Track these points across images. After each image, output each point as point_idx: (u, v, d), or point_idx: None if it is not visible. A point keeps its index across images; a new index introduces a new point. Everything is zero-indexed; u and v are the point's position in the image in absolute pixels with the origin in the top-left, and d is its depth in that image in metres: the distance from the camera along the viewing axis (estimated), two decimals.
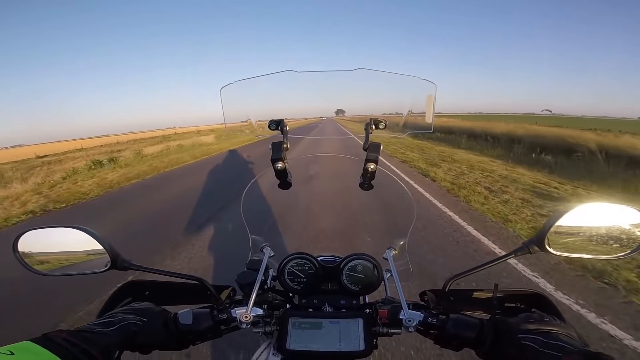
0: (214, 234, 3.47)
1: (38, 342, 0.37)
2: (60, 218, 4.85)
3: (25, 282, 2.27)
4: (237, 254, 1.86)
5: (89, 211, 5.17)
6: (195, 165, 9.58)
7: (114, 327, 0.46)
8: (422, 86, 0.64)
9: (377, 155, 0.62)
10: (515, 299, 0.58)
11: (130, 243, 3.38)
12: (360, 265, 0.63)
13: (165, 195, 5.83)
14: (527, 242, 0.52)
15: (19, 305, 2.31)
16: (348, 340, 0.52)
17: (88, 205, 5.52)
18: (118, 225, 4.12)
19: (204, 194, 5.50)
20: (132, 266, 0.55)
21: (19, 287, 2.42)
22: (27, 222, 4.71)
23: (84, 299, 2.22)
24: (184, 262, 2.81)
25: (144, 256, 2.96)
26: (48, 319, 2.09)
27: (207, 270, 2.65)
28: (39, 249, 0.56)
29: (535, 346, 0.39)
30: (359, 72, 0.64)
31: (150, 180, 7.52)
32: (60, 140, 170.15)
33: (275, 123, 0.67)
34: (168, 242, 3.28)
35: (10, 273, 2.22)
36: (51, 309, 2.21)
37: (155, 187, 6.76)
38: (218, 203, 4.60)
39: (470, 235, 3.18)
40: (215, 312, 0.55)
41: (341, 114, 1.09)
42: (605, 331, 1.76)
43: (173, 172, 8.54)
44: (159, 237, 3.55)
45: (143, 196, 5.95)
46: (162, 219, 4.34)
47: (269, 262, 0.66)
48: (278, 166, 0.64)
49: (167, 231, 3.66)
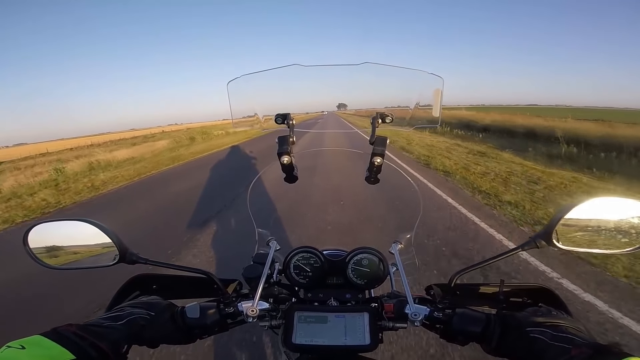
0: None
1: (48, 336, 0.38)
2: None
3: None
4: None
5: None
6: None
7: (123, 321, 0.46)
8: (429, 80, 0.64)
9: (383, 149, 0.62)
10: (521, 293, 0.58)
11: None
12: (366, 259, 0.63)
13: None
14: (534, 236, 0.52)
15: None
16: (353, 335, 0.52)
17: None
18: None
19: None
20: (140, 260, 0.56)
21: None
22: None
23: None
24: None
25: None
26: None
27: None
28: (48, 243, 0.57)
29: (545, 339, 0.39)
30: (365, 66, 0.64)
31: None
32: (38, 142, 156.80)
33: (281, 117, 0.67)
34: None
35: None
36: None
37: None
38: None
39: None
40: (222, 306, 0.55)
41: (343, 108, 1.08)
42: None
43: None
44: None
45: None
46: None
47: (274, 256, 0.66)
48: (284, 160, 0.64)
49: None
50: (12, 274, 2.75)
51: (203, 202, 4.61)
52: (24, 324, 2.01)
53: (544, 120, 12.19)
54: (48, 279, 2.51)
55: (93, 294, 2.22)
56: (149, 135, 31.95)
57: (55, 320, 0.43)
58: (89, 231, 0.55)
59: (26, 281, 2.58)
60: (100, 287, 2.04)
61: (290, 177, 0.68)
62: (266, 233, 0.74)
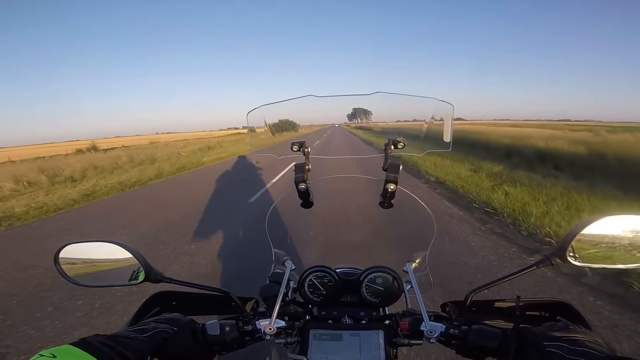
0: None
1: (78, 346, 0.39)
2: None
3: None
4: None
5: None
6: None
7: (148, 334, 0.48)
8: (440, 107, 0.68)
9: (396, 175, 0.64)
10: (538, 308, 0.57)
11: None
12: (380, 277, 0.64)
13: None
14: (548, 253, 0.52)
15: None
16: (368, 352, 0.53)
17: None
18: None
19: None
20: (164, 279, 0.58)
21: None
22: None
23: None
24: None
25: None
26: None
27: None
28: (79, 262, 0.60)
29: (562, 353, 0.39)
30: (377, 95, 0.68)
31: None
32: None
33: (297, 144, 0.71)
34: None
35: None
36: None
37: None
38: None
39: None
40: (241, 324, 0.56)
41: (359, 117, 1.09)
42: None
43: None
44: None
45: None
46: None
47: (290, 275, 0.68)
48: (301, 187, 0.67)
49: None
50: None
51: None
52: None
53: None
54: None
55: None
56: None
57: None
58: (116, 251, 0.58)
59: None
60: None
61: (306, 203, 0.71)
62: (282, 253, 0.76)
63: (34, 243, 3.98)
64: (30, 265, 3.20)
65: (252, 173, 8.15)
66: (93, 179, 8.82)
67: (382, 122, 0.91)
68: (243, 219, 4.16)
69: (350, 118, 1.18)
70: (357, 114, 1.10)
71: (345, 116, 1.04)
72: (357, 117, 1.17)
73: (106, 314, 2.21)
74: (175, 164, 11.32)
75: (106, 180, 8.53)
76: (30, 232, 4.55)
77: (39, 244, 3.90)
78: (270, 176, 7.03)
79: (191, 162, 11.75)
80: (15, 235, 4.46)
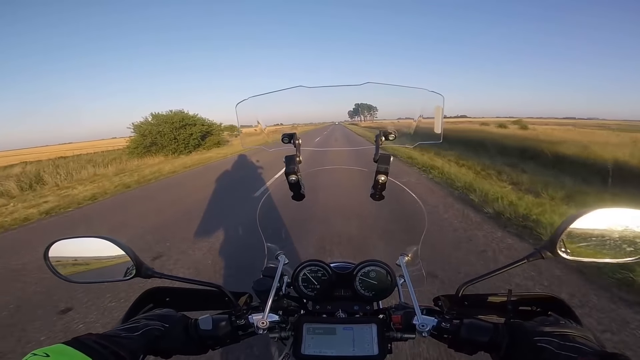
0: None
1: (71, 345, 0.39)
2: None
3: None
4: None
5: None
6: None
7: (139, 332, 0.48)
8: (430, 98, 0.66)
9: (387, 167, 0.63)
10: (530, 302, 0.58)
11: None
12: (373, 271, 0.64)
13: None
14: (539, 247, 0.52)
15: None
16: (362, 346, 0.53)
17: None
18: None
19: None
20: (155, 274, 0.58)
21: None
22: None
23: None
24: None
25: None
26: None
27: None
28: (69, 258, 0.60)
29: (552, 348, 0.39)
30: (367, 86, 0.66)
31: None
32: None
33: (288, 136, 0.69)
34: None
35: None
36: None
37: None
38: None
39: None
40: (234, 318, 0.56)
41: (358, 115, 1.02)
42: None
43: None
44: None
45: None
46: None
47: (283, 269, 0.67)
48: (292, 179, 0.66)
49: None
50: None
51: None
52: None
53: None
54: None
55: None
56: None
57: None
58: (106, 247, 0.58)
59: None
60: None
61: (297, 196, 0.70)
62: (275, 247, 0.76)
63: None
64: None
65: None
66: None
67: (388, 120, 0.85)
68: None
69: (351, 115, 1.09)
70: (359, 110, 1.01)
71: (346, 113, 0.97)
72: (359, 113, 1.08)
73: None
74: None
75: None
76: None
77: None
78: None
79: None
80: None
